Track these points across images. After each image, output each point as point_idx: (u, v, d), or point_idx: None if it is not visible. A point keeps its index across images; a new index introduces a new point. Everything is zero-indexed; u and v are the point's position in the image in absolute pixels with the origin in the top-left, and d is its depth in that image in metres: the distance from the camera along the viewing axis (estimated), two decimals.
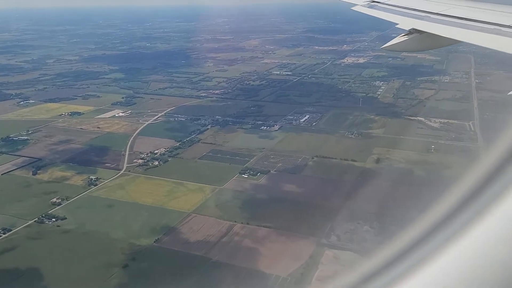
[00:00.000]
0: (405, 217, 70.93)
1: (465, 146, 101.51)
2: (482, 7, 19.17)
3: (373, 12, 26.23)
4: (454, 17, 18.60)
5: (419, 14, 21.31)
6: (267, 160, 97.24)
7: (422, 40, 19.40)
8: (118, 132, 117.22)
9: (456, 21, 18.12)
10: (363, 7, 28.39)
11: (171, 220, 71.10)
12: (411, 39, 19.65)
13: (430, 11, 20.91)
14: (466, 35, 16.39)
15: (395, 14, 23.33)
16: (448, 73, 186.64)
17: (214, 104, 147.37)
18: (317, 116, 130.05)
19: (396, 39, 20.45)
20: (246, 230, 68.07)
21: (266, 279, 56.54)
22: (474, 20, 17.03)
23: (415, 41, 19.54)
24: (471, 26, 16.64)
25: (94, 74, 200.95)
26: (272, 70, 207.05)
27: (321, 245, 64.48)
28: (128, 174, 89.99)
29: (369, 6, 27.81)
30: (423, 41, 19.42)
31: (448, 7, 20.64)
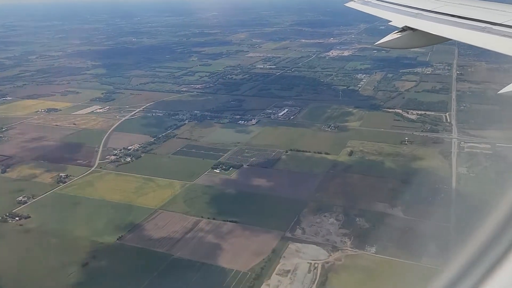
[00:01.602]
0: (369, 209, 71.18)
1: (438, 137, 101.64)
2: (474, 4, 19.31)
3: (367, 9, 26.14)
4: (447, 15, 18.67)
5: (412, 12, 21.38)
6: (241, 154, 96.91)
7: (415, 37, 19.46)
8: (94, 128, 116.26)
9: (449, 18, 18.18)
10: (357, 3, 28.32)
11: (136, 217, 70.69)
12: (404, 36, 19.68)
13: (423, 8, 21.01)
14: (458, 33, 16.47)
15: (389, 11, 23.43)
16: (430, 65, 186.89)
17: (194, 99, 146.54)
18: (296, 110, 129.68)
19: (389, 36, 20.20)
20: (211, 226, 67.84)
21: (225, 274, 56.36)
22: (467, 18, 17.11)
23: (408, 38, 19.62)
24: (463, 24, 16.72)
25: (76, 70, 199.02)
26: (256, 64, 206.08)
27: (285, 238, 64.42)
28: (99, 170, 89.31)
29: (362, 3, 27.73)
30: (416, 38, 19.49)
31: (441, 4, 20.80)
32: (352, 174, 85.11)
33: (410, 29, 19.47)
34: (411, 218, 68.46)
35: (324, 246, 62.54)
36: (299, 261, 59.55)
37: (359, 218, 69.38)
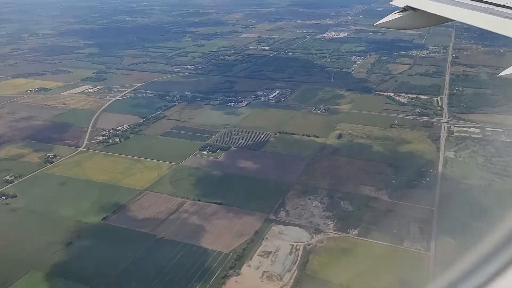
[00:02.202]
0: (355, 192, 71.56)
1: (428, 121, 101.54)
2: None
3: None
4: None
5: None
6: (229, 136, 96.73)
7: (416, 17, 19.12)
8: (83, 108, 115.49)
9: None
10: None
11: (122, 197, 70.89)
12: (405, 16, 19.35)
13: None
14: (460, 14, 16.18)
15: None
16: (426, 48, 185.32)
17: (185, 79, 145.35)
18: (287, 92, 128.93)
19: (390, 16, 19.99)
20: (196, 207, 68.16)
21: (208, 255, 56.90)
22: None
23: (409, 18, 19.30)
24: (466, 5, 16.49)
25: (68, 49, 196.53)
26: (250, 45, 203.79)
27: (268, 221, 64.85)
28: (87, 151, 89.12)
29: None
30: (417, 18, 19.15)
31: None
32: (339, 157, 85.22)
33: (412, 9, 19.21)
34: (396, 202, 68.93)
35: (307, 229, 63.02)
36: (281, 243, 60.09)
37: (343, 201, 69.78)
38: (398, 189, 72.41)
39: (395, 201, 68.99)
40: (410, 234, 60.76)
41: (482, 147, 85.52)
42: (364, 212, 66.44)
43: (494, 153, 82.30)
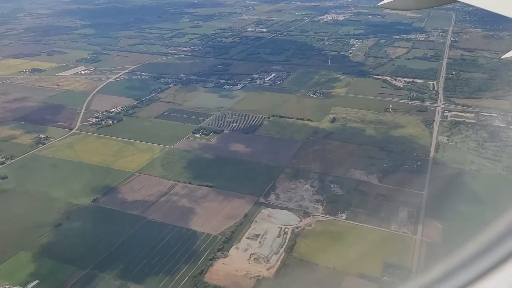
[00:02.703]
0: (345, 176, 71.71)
1: (423, 105, 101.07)
2: None
3: None
4: None
5: None
6: (223, 119, 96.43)
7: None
8: (77, 90, 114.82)
9: None
10: None
11: (113, 179, 71.06)
12: None
13: None
14: None
15: None
16: (425, 31, 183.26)
17: (181, 62, 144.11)
18: (283, 75, 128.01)
19: None
20: (186, 190, 68.38)
21: (196, 237, 57.35)
22: None
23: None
24: None
25: (64, 29, 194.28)
26: (248, 26, 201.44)
27: (258, 204, 65.13)
28: (79, 133, 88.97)
29: None
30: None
31: None
32: (332, 141, 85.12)
33: None
34: (386, 186, 69.19)
35: (296, 212, 63.33)
36: (270, 225, 60.46)
37: (334, 185, 69.96)
38: (389, 173, 72.54)
39: (385, 185, 69.23)
40: (398, 218, 61.10)
41: (475, 132, 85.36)
42: (354, 196, 66.70)
43: (487, 138, 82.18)
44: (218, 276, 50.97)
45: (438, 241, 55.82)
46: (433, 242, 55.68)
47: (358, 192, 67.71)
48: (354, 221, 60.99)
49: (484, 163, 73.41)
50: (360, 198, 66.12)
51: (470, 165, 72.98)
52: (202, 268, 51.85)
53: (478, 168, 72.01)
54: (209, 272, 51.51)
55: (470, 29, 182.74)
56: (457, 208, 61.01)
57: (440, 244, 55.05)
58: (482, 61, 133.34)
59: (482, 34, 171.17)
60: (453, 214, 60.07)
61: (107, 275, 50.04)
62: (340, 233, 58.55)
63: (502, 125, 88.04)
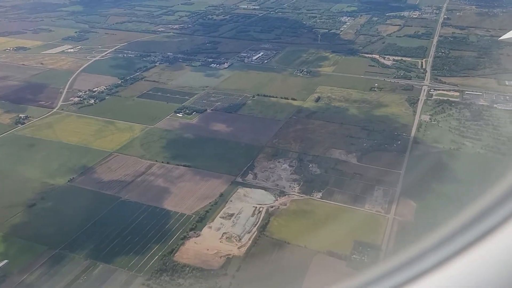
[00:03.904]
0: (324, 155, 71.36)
1: (409, 84, 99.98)
2: None
3: None
4: None
5: None
6: (207, 98, 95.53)
7: None
8: (61, 68, 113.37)
9: None
10: None
11: (91, 159, 70.73)
12: None
13: None
14: None
15: None
16: (419, 8, 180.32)
17: (169, 40, 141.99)
18: (272, 54, 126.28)
19: None
20: (163, 170, 68.13)
21: (169, 217, 57.41)
22: None
23: None
24: None
25: (52, 7, 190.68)
26: (240, 4, 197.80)
27: (235, 183, 64.95)
28: (60, 112, 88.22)
29: None
30: None
31: None
32: (314, 120, 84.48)
33: None
34: (364, 165, 68.94)
35: (272, 191, 63.22)
36: (245, 205, 60.43)
37: (312, 164, 69.69)
38: (368, 152, 72.22)
39: (363, 164, 68.99)
40: (373, 197, 61.07)
41: (458, 111, 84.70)
42: (331, 175, 66.52)
43: (469, 117, 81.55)
44: (188, 255, 51.17)
45: (410, 220, 55.89)
46: (406, 220, 55.76)
47: (336, 172, 67.49)
48: (329, 200, 60.97)
49: (464, 142, 73.01)
50: (337, 177, 65.96)
51: (450, 144, 72.57)
52: (172, 248, 52.03)
53: (458, 147, 71.65)
54: (180, 251, 51.69)
55: (465, 6, 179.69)
56: (432, 187, 60.96)
57: (412, 222, 55.16)
58: (473, 39, 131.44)
59: (476, 11, 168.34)
60: (428, 193, 60.01)
61: (77, 255, 50.21)
62: (313, 212, 58.55)
63: (486, 104, 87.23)
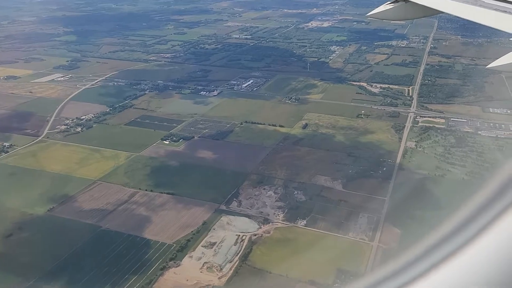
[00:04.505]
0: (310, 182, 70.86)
1: (396, 111, 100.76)
2: None
3: None
4: None
5: None
6: (195, 126, 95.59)
7: (407, 8, 19.16)
8: (50, 97, 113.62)
9: None
10: None
11: (73, 188, 69.83)
12: (396, 7, 19.34)
13: None
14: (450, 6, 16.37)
15: None
16: (407, 38, 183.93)
17: (160, 68, 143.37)
18: (261, 81, 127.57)
19: (381, 7, 19.82)
20: (146, 198, 67.27)
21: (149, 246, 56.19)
22: None
23: (401, 9, 19.31)
24: None
25: (46, 36, 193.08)
26: (232, 33, 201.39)
27: (218, 211, 64.15)
28: (46, 140, 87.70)
29: None
30: (408, 10, 19.21)
31: None
32: (301, 147, 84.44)
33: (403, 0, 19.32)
34: (349, 192, 68.50)
35: (256, 219, 62.43)
36: (228, 233, 59.46)
37: (297, 191, 69.14)
38: (354, 179, 71.88)
39: (348, 191, 68.53)
40: (357, 224, 60.35)
41: (443, 137, 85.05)
42: (316, 202, 65.92)
43: (454, 144, 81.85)
44: (167, 286, 49.87)
45: (394, 247, 54.98)
46: (389, 248, 54.88)
47: (321, 198, 66.93)
48: (313, 227, 60.17)
49: (449, 168, 72.96)
50: (322, 204, 65.34)
51: (435, 171, 72.46)
52: (151, 278, 50.70)
53: (443, 173, 71.53)
54: (158, 282, 50.39)
55: (451, 36, 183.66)
56: (416, 214, 60.41)
57: (396, 250, 54.24)
58: (458, 67, 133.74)
59: (461, 41, 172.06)
60: (412, 220, 59.41)
61: (51, 286, 48.68)
62: (297, 240, 57.64)
63: (471, 130, 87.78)
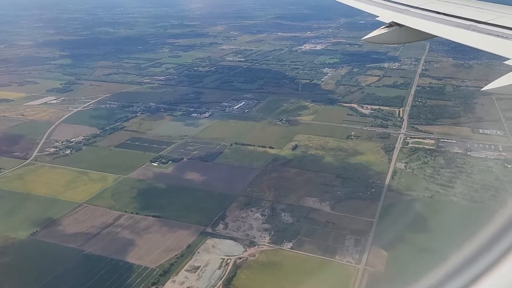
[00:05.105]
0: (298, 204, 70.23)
1: (386, 132, 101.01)
2: (460, 2, 19.85)
3: (354, 3, 26.35)
4: (433, 12, 19.08)
5: (399, 7, 21.77)
6: (184, 148, 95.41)
7: (402, 33, 19.69)
8: (41, 120, 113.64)
9: (435, 15, 18.57)
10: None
11: (58, 211, 68.97)
12: (391, 32, 19.88)
13: (410, 5, 21.42)
14: (444, 30, 16.85)
15: (376, 6, 23.79)
16: (398, 60, 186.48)
17: (153, 90, 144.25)
18: (253, 103, 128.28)
19: (376, 31, 20.33)
20: (132, 221, 66.42)
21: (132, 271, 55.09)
22: (452, 15, 17.61)
23: (395, 34, 19.86)
24: (449, 22, 17.06)
25: (42, 60, 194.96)
26: (226, 56, 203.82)
27: (204, 234, 63.27)
28: (34, 163, 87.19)
29: None
30: (403, 34, 19.73)
31: (428, 1, 21.21)
32: (289, 168, 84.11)
33: (397, 24, 19.76)
34: (337, 213, 67.86)
35: (242, 242, 61.55)
36: (213, 257, 58.48)
37: (284, 213, 68.45)
38: (342, 200, 71.34)
39: (336, 213, 67.90)
40: (344, 247, 59.51)
41: (433, 158, 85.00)
42: (303, 224, 65.17)
43: (443, 164, 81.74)
44: None
45: (380, 270, 54.10)
46: (376, 271, 53.98)
47: (308, 220, 66.21)
48: (300, 250, 59.30)
49: (437, 189, 72.59)
50: (309, 227, 64.61)
51: (423, 192, 72.06)
52: None
53: (431, 194, 71.12)
54: None
55: (442, 58, 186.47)
56: (403, 236, 59.73)
57: (383, 273, 53.36)
58: (449, 89, 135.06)
59: (453, 63, 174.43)
60: (399, 242, 58.71)
61: None
62: (282, 263, 56.67)
63: (460, 151, 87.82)
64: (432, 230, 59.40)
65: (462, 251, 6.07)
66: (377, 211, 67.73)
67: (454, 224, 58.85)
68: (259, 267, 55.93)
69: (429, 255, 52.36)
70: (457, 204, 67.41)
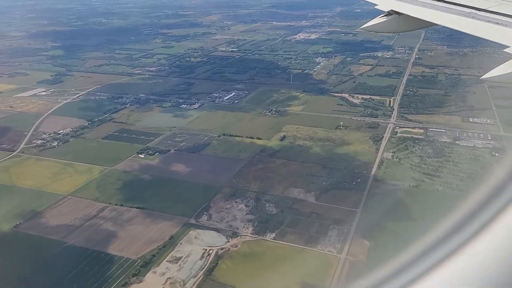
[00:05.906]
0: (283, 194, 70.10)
1: (375, 122, 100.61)
2: None
3: None
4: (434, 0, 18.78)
5: None
6: (172, 139, 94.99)
7: (401, 21, 19.34)
8: (30, 111, 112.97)
9: (435, 3, 18.22)
10: None
11: (42, 203, 68.79)
12: (389, 20, 19.48)
13: None
14: (444, 18, 16.60)
15: None
16: (392, 49, 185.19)
17: (143, 82, 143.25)
18: (243, 94, 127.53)
19: (375, 19, 19.94)
20: (116, 213, 66.27)
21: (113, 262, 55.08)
22: (452, 2, 17.34)
23: (394, 22, 19.48)
24: (449, 9, 16.84)
25: (33, 51, 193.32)
26: (219, 46, 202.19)
27: (187, 225, 63.22)
28: (20, 155, 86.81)
29: None
30: (402, 22, 19.37)
31: None
32: (276, 159, 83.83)
33: (396, 13, 19.38)
34: (321, 204, 67.78)
35: (225, 232, 61.52)
36: (195, 248, 58.48)
37: (269, 204, 68.34)
38: (327, 191, 71.21)
39: (321, 203, 67.81)
40: (327, 237, 59.52)
41: (421, 148, 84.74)
42: (287, 215, 65.11)
43: (431, 154, 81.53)
44: None
45: (362, 260, 54.16)
46: (357, 260, 54.04)
47: (292, 211, 66.11)
48: (282, 240, 59.30)
49: (423, 179, 72.45)
50: (293, 217, 64.54)
51: (409, 181, 71.95)
52: None
53: (417, 184, 71.02)
54: None
55: (437, 46, 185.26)
56: (386, 225, 59.74)
57: (364, 262, 53.41)
58: (441, 77, 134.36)
59: (447, 51, 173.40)
60: (382, 231, 58.72)
61: None
62: (264, 253, 56.73)
63: (448, 140, 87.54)
64: (414, 219, 59.33)
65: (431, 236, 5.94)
66: (361, 201, 67.64)
67: (437, 212, 58.72)
68: (241, 258, 55.97)
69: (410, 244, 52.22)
70: (442, 193, 67.29)
